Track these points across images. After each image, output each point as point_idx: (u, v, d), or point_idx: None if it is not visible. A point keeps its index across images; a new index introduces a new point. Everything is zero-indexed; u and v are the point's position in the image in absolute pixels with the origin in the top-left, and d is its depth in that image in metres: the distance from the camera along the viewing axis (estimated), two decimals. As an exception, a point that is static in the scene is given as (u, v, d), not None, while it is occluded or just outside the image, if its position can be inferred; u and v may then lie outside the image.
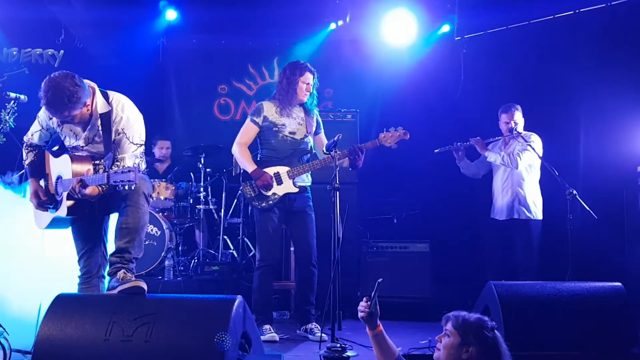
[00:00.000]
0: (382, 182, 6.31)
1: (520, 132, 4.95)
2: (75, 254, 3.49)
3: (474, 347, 2.38)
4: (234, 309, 2.78)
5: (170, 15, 6.64)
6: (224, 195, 6.14)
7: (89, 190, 3.20)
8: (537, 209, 4.99)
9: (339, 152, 3.91)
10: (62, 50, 6.61)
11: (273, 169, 4.22)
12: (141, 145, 3.42)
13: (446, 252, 5.71)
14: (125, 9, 6.26)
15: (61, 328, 2.80)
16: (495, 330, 2.43)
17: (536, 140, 4.97)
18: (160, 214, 5.76)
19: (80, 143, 3.40)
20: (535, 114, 5.43)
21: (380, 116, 6.58)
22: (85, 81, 3.28)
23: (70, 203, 3.32)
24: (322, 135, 4.51)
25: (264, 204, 4.21)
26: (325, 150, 4.03)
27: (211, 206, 6.19)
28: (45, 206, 3.40)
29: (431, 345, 3.69)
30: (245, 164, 4.27)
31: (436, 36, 6.71)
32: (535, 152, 4.85)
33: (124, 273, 3.09)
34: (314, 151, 4.45)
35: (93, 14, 6.25)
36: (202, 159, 6.13)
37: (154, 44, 6.85)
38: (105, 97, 3.36)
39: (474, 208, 5.93)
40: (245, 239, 6.10)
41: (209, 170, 6.17)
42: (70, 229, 3.52)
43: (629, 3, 5.58)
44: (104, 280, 3.40)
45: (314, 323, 4.27)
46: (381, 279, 2.63)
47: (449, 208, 6.20)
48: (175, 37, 6.92)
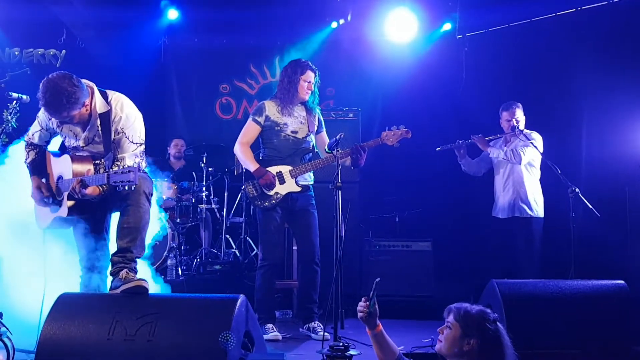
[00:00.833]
0: (384, 181, 6.31)
1: (522, 130, 4.94)
2: (77, 253, 3.51)
3: (475, 339, 2.39)
4: (237, 308, 2.78)
5: (172, 14, 6.65)
6: (226, 194, 6.15)
7: (90, 190, 3.20)
8: (539, 207, 4.98)
9: (341, 151, 3.91)
10: (64, 50, 6.63)
11: (275, 169, 4.22)
12: (141, 144, 3.42)
13: (448, 251, 5.70)
14: (127, 9, 6.27)
15: (64, 327, 2.81)
16: (498, 323, 2.43)
17: (537, 138, 4.96)
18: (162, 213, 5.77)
19: (80, 143, 3.41)
20: (537, 112, 5.41)
21: (382, 115, 6.58)
22: (84, 81, 3.27)
23: (71, 203, 3.33)
24: (324, 133, 4.51)
25: (266, 204, 4.20)
26: (327, 149, 4.03)
27: (213, 205, 6.20)
28: (46, 202, 3.41)
29: (434, 344, 3.68)
30: (248, 163, 4.27)
31: (438, 34, 6.71)
32: (537, 150, 4.84)
33: (127, 273, 3.09)
34: (316, 150, 4.45)
35: (95, 14, 6.27)
36: (204, 158, 6.14)
37: (156, 44, 6.86)
38: (104, 97, 3.36)
39: (476, 206, 5.92)
40: (248, 238, 6.11)
41: (211, 169, 6.19)
42: (71, 229, 3.52)
43: (632, 1, 5.57)
44: (106, 280, 3.40)
45: (316, 322, 4.27)
46: (379, 279, 2.63)
47: (451, 206, 6.21)
48: (176, 37, 6.93)
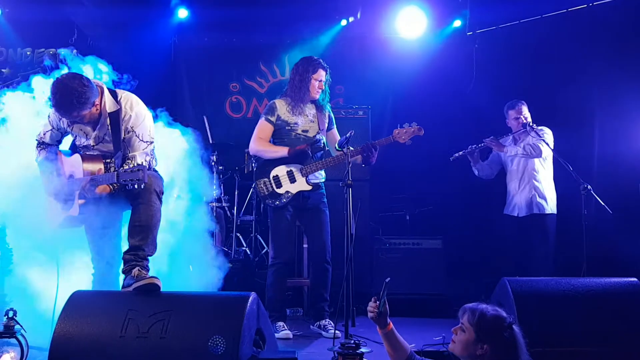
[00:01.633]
0: (394, 179, 6.29)
1: (533, 126, 4.91)
2: (89, 251, 3.53)
3: (489, 345, 2.34)
4: (248, 305, 2.79)
5: (182, 13, 6.67)
6: (236, 192, 6.16)
7: (100, 189, 3.24)
8: (553, 203, 4.97)
9: (352, 149, 3.90)
10: (75, 50, 6.66)
11: (286, 167, 4.22)
12: (151, 142, 3.45)
13: (459, 249, 5.69)
14: (138, 8, 6.29)
15: (77, 325, 2.83)
16: (514, 327, 2.38)
17: (548, 133, 4.94)
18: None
19: (91, 142, 3.43)
20: (548, 108, 5.38)
21: (391, 112, 6.57)
22: (94, 80, 3.30)
23: (82, 202, 3.36)
24: (335, 131, 4.50)
25: (277, 202, 4.21)
26: (338, 147, 4.02)
27: (224, 204, 6.21)
28: (60, 203, 3.43)
29: (445, 342, 3.68)
30: (275, 150, 4.25)
31: (448, 31, 6.68)
32: (547, 146, 4.82)
33: (139, 270, 3.11)
34: (327, 148, 4.44)
35: (105, 14, 6.29)
36: (215, 157, 6.15)
37: (166, 43, 6.88)
38: (114, 96, 3.38)
39: (487, 204, 5.90)
40: (258, 236, 6.12)
41: (221, 168, 6.19)
42: (83, 227, 3.55)
43: (644, -5, 5.52)
44: (118, 278, 3.42)
45: (327, 320, 4.27)
46: (389, 279, 2.62)
47: (461, 204, 6.18)
48: (186, 36, 6.94)
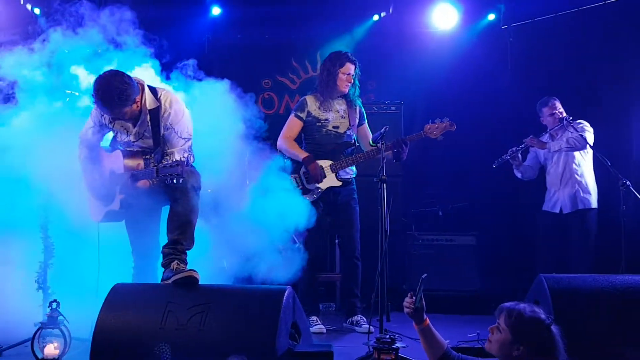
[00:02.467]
0: (427, 175, 6.26)
1: (570, 120, 4.83)
2: (130, 245, 3.62)
3: (526, 347, 2.30)
4: (284, 299, 2.83)
5: (215, 11, 6.74)
6: (268, 188, 6.20)
7: (140, 184, 3.31)
8: (595, 198, 4.91)
9: (385, 144, 3.91)
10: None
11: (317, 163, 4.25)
12: (189, 139, 3.51)
13: (493, 245, 5.63)
14: (172, 7, 6.38)
15: (119, 316, 2.91)
16: (553, 328, 2.32)
17: (587, 126, 4.87)
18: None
19: (131, 138, 3.51)
20: (586, 103, 5.28)
21: (424, 108, 6.51)
22: (134, 78, 3.38)
23: (122, 197, 3.45)
24: (366, 126, 4.50)
25: (308, 197, 4.24)
26: (372, 142, 4.03)
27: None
28: (100, 195, 3.53)
29: (480, 339, 3.66)
30: (295, 152, 4.30)
31: (481, 25, 6.58)
32: (586, 140, 4.75)
33: (177, 264, 3.18)
34: (357, 144, 4.45)
35: (141, 12, 6.39)
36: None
37: (200, 40, 6.95)
38: (154, 93, 3.46)
39: (521, 200, 5.83)
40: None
41: (252, 164, 6.25)
42: (124, 221, 3.64)
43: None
44: (157, 271, 3.49)
45: (359, 315, 4.29)
46: (425, 274, 2.62)
47: (495, 200, 6.11)
48: (220, 33, 7.01)
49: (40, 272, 3.69)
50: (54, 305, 3.26)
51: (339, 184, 4.24)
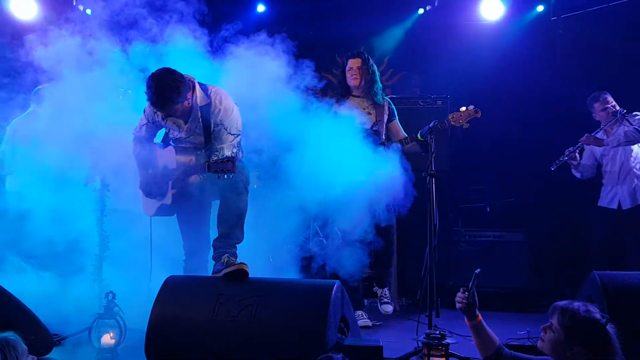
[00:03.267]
0: (474, 170, 6.17)
1: (624, 113, 4.68)
2: (181, 239, 3.70)
3: (580, 347, 2.24)
4: (333, 293, 2.85)
5: (260, 8, 6.81)
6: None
7: (192, 179, 3.39)
8: None
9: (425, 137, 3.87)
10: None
11: None
12: (238, 135, 3.56)
13: (543, 242, 5.51)
14: (218, 5, 6.47)
15: (172, 308, 3.00)
16: (608, 328, 2.26)
17: None
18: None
19: (183, 135, 3.59)
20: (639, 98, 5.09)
21: (470, 102, 6.40)
22: (185, 75, 3.45)
23: (174, 191, 3.53)
24: (397, 123, 4.48)
25: None
26: (420, 137, 4.01)
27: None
28: (153, 190, 3.62)
29: (530, 337, 3.60)
30: None
31: (530, 17, 6.43)
32: None
33: (228, 257, 3.24)
34: (387, 139, 4.42)
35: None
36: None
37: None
38: (205, 90, 3.52)
39: (572, 196, 5.67)
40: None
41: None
42: (175, 215, 3.73)
43: None
44: (208, 264, 3.57)
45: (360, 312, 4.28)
46: (479, 269, 2.60)
47: (544, 196, 5.97)
48: (265, 30, 7.06)
49: (95, 265, 3.81)
50: (110, 296, 3.37)
51: None
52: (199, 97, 3.49)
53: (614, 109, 4.76)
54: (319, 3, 6.52)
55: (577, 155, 4.92)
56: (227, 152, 3.41)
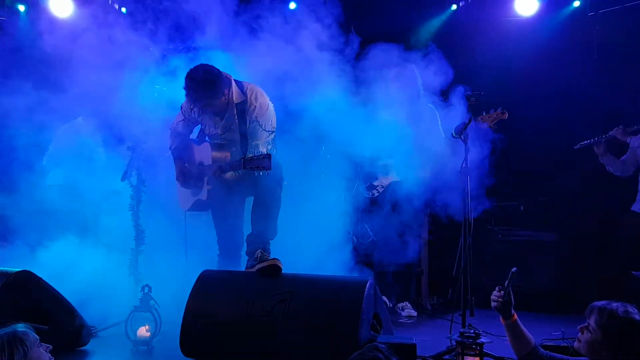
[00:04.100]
0: (508, 169, 6.08)
1: None
2: (215, 234, 3.75)
3: (618, 348, 2.20)
4: (366, 289, 2.85)
5: (292, 6, 6.82)
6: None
7: (227, 175, 3.42)
8: None
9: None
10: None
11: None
12: (272, 132, 3.59)
13: (577, 243, 5.39)
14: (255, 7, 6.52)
15: (206, 303, 3.04)
16: None
17: None
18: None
19: (219, 131, 3.63)
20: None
21: (503, 99, 6.32)
22: (223, 72, 3.48)
23: (210, 187, 3.58)
24: None
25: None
26: (455, 134, 3.98)
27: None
28: (189, 185, 3.67)
29: (565, 337, 3.55)
30: None
31: (566, 12, 6.30)
32: None
33: (261, 253, 3.27)
34: None
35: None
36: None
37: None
38: (240, 87, 3.56)
39: (608, 197, 5.55)
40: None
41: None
42: (210, 211, 3.77)
43: None
44: (241, 259, 3.60)
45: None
46: (515, 268, 2.56)
47: (579, 196, 5.85)
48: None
49: (132, 258, 3.88)
50: (145, 289, 3.43)
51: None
52: (235, 94, 3.52)
53: None
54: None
55: (604, 144, 4.79)
56: (262, 149, 3.43)
